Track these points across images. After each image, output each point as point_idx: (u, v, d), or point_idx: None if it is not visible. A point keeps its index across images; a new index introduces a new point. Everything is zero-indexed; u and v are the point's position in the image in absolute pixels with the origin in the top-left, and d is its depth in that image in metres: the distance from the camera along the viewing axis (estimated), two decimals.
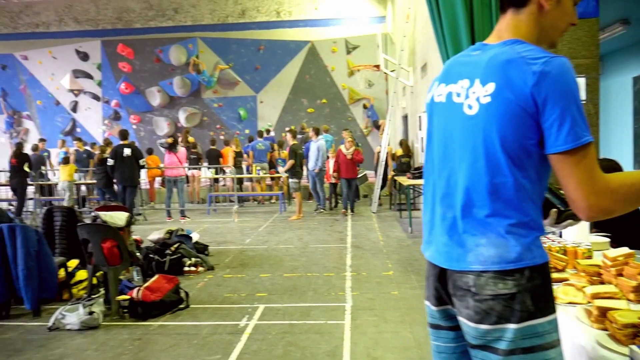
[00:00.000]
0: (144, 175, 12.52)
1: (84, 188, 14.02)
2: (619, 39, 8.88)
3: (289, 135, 11.12)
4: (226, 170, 14.07)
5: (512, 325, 1.36)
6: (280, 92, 18.50)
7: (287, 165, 10.68)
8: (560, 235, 2.72)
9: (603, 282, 2.10)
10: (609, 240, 2.71)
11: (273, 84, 18.52)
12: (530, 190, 1.40)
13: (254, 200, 14.37)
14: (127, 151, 10.22)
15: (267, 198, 14.16)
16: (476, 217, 1.43)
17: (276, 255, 7.21)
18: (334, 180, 11.77)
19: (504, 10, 1.54)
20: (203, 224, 10.54)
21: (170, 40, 18.62)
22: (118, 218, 5.00)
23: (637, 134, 9.84)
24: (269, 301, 5.09)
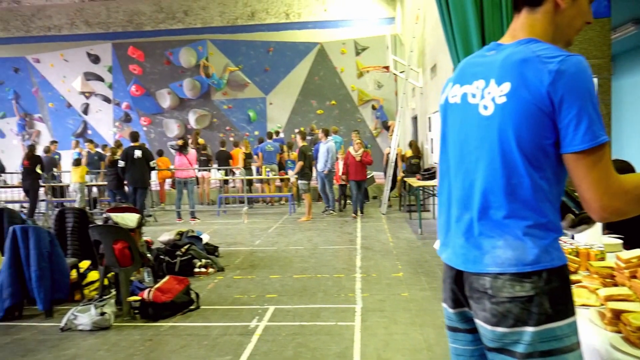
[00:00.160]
0: (154, 177, 12.60)
1: (95, 189, 14.12)
2: (630, 39, 8.80)
3: (298, 137, 11.13)
4: (236, 172, 14.11)
5: (530, 329, 1.34)
6: (290, 94, 18.53)
7: (297, 167, 10.69)
8: (573, 237, 2.71)
9: (616, 284, 2.08)
10: (621, 241, 2.68)
11: (282, 86, 18.56)
12: (547, 191, 1.38)
13: (263, 201, 14.40)
14: (138, 153, 10.28)
15: (277, 199, 14.18)
16: (493, 219, 1.42)
17: (286, 257, 7.22)
18: (343, 182, 11.77)
19: (518, 9, 1.52)
20: (213, 225, 10.57)
21: (180, 42, 18.73)
22: (129, 219, 5.04)
23: None
24: (279, 302, 5.10)
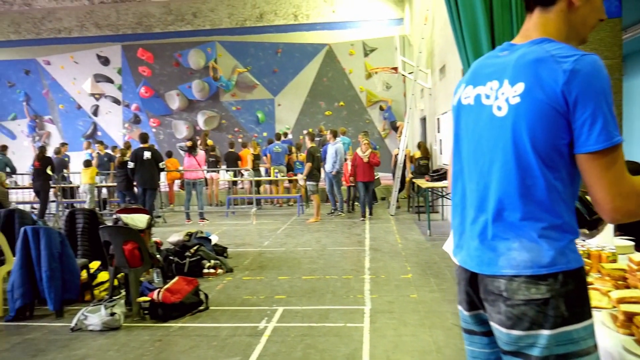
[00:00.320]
0: (163, 178, 12.66)
1: (104, 191, 14.22)
2: None
3: (307, 138, 11.14)
4: (244, 173, 14.14)
5: (546, 332, 1.33)
6: (298, 95, 18.55)
7: (305, 169, 10.69)
8: (584, 239, 2.68)
9: (629, 287, 2.06)
10: (633, 243, 2.66)
11: (291, 87, 18.58)
12: (562, 192, 1.37)
13: (271, 202, 14.42)
14: (147, 154, 10.33)
15: (285, 201, 14.20)
16: (507, 221, 1.40)
17: (294, 258, 7.22)
18: (351, 183, 11.75)
19: (530, 9, 1.51)
20: (222, 226, 10.60)
21: (189, 44, 18.81)
22: (139, 220, 5.06)
23: None
24: (288, 303, 5.10)
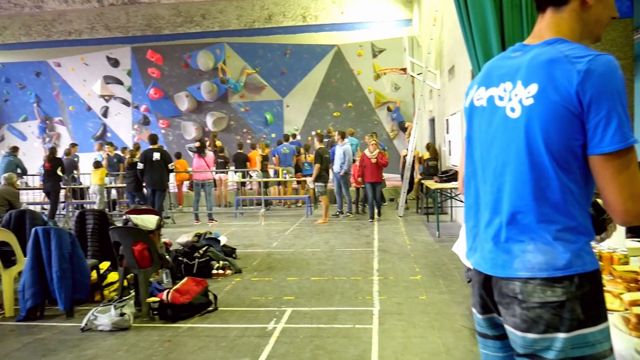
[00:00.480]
0: (172, 179, 12.72)
1: (114, 191, 14.30)
2: None
3: (315, 139, 11.13)
4: (252, 174, 14.17)
5: (562, 335, 1.32)
6: (307, 96, 18.58)
7: (314, 171, 10.68)
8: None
9: None
10: None
11: (299, 88, 18.60)
12: (576, 194, 1.36)
13: (283, 203, 14.41)
14: (157, 155, 10.38)
15: (293, 201, 14.20)
16: (522, 223, 1.40)
17: (303, 259, 7.22)
18: (357, 184, 11.71)
19: (542, 9, 1.50)
20: (230, 227, 10.62)
21: (198, 45, 18.89)
22: (149, 221, 5.08)
23: None
24: (297, 304, 5.10)
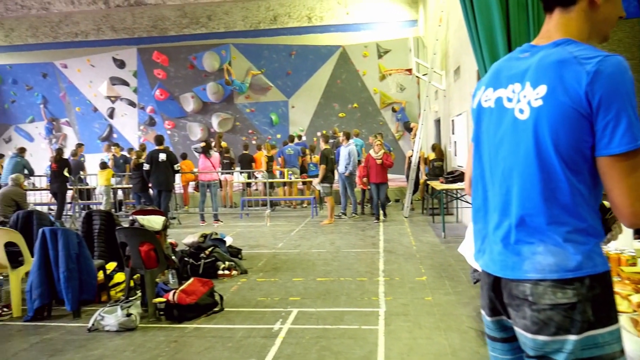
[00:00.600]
0: (178, 180, 12.75)
1: (120, 192, 14.35)
2: None
3: (321, 140, 11.13)
4: (257, 175, 14.18)
5: (573, 337, 1.32)
6: (312, 97, 18.59)
7: (320, 172, 10.67)
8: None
9: None
10: None
11: (304, 89, 18.62)
12: (586, 195, 1.35)
13: (290, 204, 14.42)
14: (163, 156, 10.41)
15: (299, 202, 14.21)
16: (531, 225, 1.39)
17: (308, 260, 7.22)
18: (363, 186, 11.67)
19: (550, 9, 1.50)
20: (236, 227, 10.64)
21: (204, 47, 18.95)
22: (155, 222, 5.10)
23: None
24: (302, 305, 5.10)
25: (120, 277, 5.70)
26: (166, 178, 10.50)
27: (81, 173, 13.93)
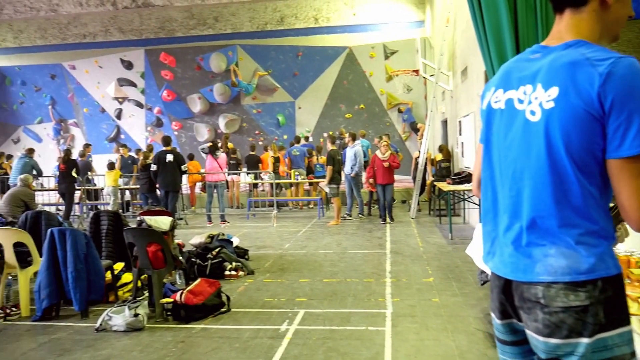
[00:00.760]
0: (185, 181, 12.79)
1: (127, 193, 14.41)
2: None
3: (327, 141, 11.12)
4: (263, 177, 14.20)
5: (585, 340, 1.31)
6: (319, 98, 18.59)
7: (327, 173, 10.66)
8: None
9: None
10: None
11: (311, 90, 18.63)
12: (598, 197, 1.35)
13: (299, 205, 14.42)
14: (170, 157, 10.45)
15: (305, 203, 14.21)
16: (543, 227, 1.38)
17: (315, 261, 7.22)
18: (371, 187, 11.58)
19: (560, 10, 1.49)
20: (242, 228, 10.66)
21: (211, 48, 19.00)
22: (162, 222, 5.11)
23: None
24: (309, 306, 5.10)
25: (127, 278, 5.72)
26: (173, 179, 10.54)
27: (89, 173, 14.01)
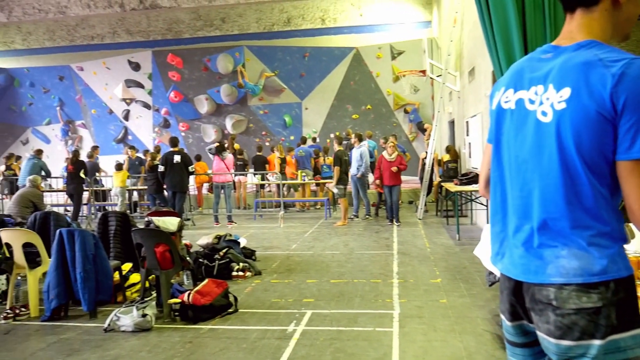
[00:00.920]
0: (192, 181, 12.83)
1: (135, 193, 14.47)
2: None
3: (334, 142, 11.12)
4: (270, 178, 14.22)
5: (597, 342, 1.30)
6: (325, 99, 18.59)
7: (335, 174, 10.65)
8: None
9: None
10: None
11: (318, 91, 18.63)
12: (609, 199, 1.34)
13: (297, 205, 14.44)
14: (177, 158, 10.49)
15: (312, 204, 14.21)
16: (554, 229, 1.38)
17: (322, 261, 7.22)
18: (378, 189, 11.54)
19: (572, 10, 1.48)
20: (249, 229, 10.67)
21: (218, 49, 19.05)
22: (170, 223, 5.13)
23: None
24: (316, 307, 5.09)
25: (135, 278, 5.75)
26: (181, 179, 10.58)
27: (97, 174, 14.08)
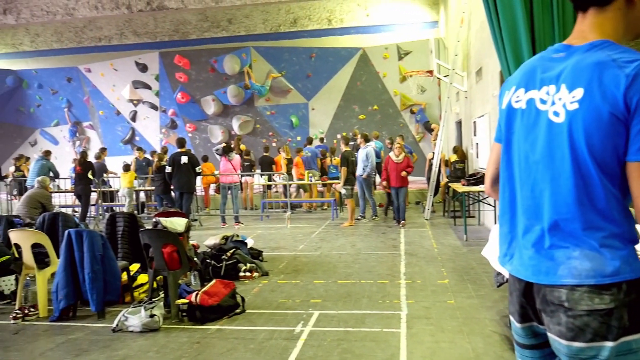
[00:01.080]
0: (199, 182, 12.87)
1: (142, 194, 14.52)
2: None
3: (341, 142, 11.11)
4: (276, 179, 14.23)
5: (609, 343, 1.29)
6: (332, 99, 18.59)
7: (342, 174, 10.64)
8: None
9: None
10: None
11: (324, 91, 18.64)
12: (621, 199, 1.33)
13: (304, 205, 14.44)
14: (184, 159, 10.52)
15: (319, 204, 14.21)
16: (566, 230, 1.36)
17: (329, 262, 7.21)
18: (386, 189, 11.48)
19: (584, 9, 1.46)
20: (256, 229, 10.68)
21: (225, 50, 19.10)
22: (178, 224, 5.14)
23: None
24: (324, 308, 5.09)
25: (143, 279, 5.76)
26: (188, 180, 10.60)
27: (104, 175, 14.14)
